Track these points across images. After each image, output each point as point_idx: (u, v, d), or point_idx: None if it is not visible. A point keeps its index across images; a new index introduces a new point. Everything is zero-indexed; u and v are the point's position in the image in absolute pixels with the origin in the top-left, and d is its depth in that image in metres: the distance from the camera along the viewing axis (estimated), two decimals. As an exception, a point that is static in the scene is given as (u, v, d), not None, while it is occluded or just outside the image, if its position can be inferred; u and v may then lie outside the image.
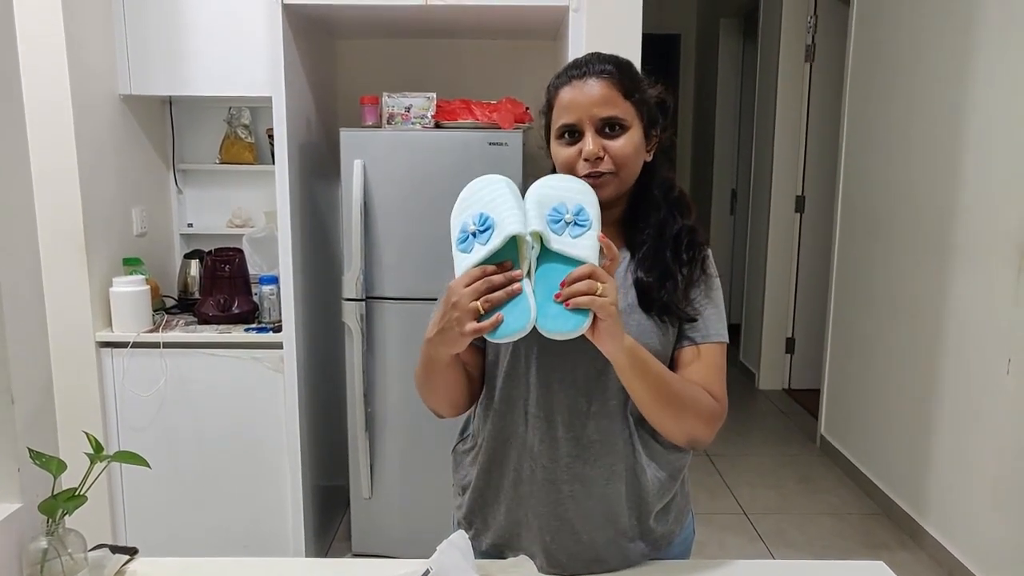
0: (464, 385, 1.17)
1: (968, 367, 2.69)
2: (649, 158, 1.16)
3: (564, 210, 1.01)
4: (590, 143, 1.09)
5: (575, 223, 1.00)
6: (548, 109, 1.17)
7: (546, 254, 1.00)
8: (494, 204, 1.02)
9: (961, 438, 2.73)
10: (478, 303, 0.96)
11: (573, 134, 1.12)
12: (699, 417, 1.12)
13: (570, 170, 1.12)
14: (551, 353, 1.12)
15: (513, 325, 0.95)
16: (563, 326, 0.95)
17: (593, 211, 1.02)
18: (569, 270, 0.97)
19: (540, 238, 1.00)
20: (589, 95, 1.10)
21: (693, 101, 6.34)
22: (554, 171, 1.17)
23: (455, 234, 1.03)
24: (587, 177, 1.10)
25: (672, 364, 1.16)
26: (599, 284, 0.95)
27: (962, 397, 2.72)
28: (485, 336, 0.97)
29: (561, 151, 1.13)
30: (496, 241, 0.98)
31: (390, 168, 2.50)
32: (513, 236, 0.98)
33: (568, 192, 1.04)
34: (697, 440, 1.15)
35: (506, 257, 1.00)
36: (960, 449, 2.73)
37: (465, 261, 1.00)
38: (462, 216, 1.04)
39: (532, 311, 0.96)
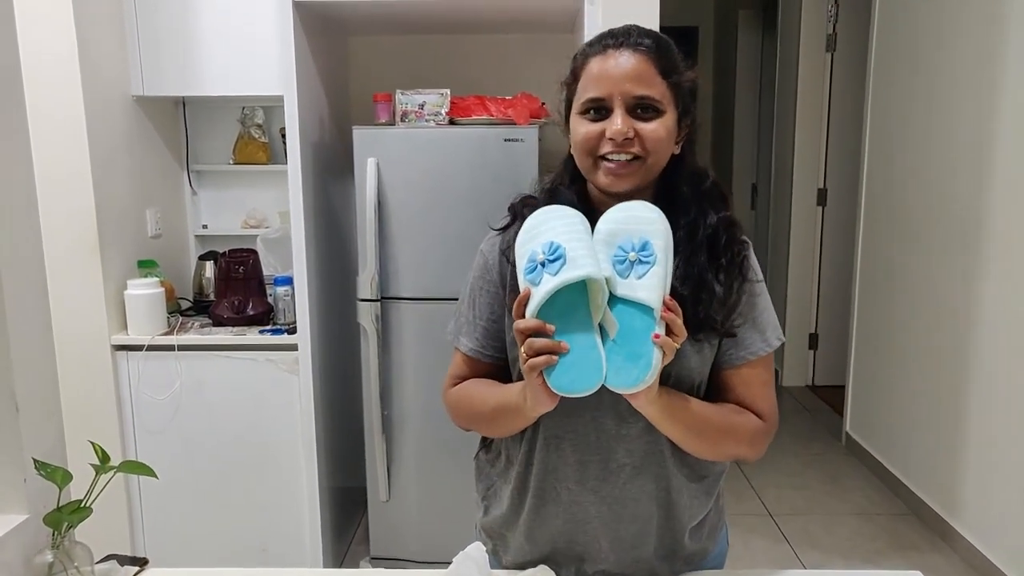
0: None
1: (999, 362, 2.61)
2: (677, 150, 1.05)
3: (628, 247, 0.93)
4: (619, 121, 0.97)
5: (639, 260, 0.92)
6: (573, 79, 1.04)
7: (611, 299, 0.93)
8: (567, 236, 0.93)
9: (993, 435, 2.65)
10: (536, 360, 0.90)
11: (600, 111, 1.00)
12: (739, 443, 1.06)
13: (590, 150, 1.01)
14: None
15: (585, 382, 0.90)
16: (627, 381, 0.90)
17: (659, 243, 0.93)
18: (635, 316, 0.91)
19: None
20: (624, 68, 0.98)
21: (711, 94, 6.24)
22: (570, 153, 1.07)
23: (522, 264, 0.94)
24: (608, 159, 1.00)
25: (715, 383, 1.09)
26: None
27: (994, 393, 2.64)
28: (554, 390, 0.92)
29: (582, 127, 1.01)
30: (567, 275, 0.89)
31: (404, 166, 2.46)
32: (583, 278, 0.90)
33: (634, 224, 0.95)
34: (741, 459, 1.10)
35: (571, 296, 0.92)
36: (993, 446, 2.66)
37: (534, 293, 0.91)
38: (530, 244, 0.95)
39: (603, 368, 0.90)
